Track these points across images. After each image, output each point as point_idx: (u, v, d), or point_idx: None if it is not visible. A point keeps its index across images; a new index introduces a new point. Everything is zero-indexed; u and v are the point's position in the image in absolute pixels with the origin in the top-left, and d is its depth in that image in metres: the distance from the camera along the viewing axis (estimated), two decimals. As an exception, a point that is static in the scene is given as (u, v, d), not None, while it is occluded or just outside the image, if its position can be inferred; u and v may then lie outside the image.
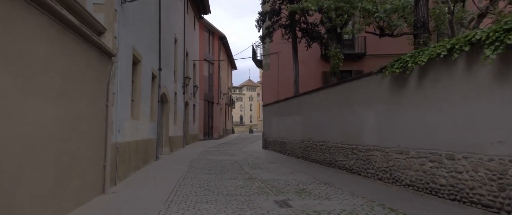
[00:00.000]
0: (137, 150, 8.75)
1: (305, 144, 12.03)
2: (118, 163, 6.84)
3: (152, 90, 11.53)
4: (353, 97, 8.68)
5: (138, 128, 9.02)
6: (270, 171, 9.35)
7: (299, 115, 12.71)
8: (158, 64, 12.02)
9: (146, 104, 10.18)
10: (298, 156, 12.75)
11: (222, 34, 30.67)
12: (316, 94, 11.18)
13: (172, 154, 14.52)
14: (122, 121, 7.26)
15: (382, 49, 17.69)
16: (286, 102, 14.33)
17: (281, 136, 14.96)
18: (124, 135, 7.42)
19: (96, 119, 5.68)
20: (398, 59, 6.48)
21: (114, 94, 6.62)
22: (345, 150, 9.02)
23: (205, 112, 27.61)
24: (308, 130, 11.76)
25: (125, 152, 7.47)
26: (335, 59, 11.63)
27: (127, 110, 7.76)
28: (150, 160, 10.66)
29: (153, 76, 11.39)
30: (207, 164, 11.01)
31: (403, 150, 6.55)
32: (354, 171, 8.50)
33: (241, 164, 11.06)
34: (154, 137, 11.40)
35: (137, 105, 9.04)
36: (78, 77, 4.94)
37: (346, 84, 9.12)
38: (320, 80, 17.99)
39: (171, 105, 15.02)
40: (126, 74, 7.57)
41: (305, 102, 12.12)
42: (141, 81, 9.29)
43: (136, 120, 8.82)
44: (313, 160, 11.26)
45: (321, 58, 18.18)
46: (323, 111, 10.57)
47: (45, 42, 3.95)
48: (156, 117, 11.79)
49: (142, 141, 9.40)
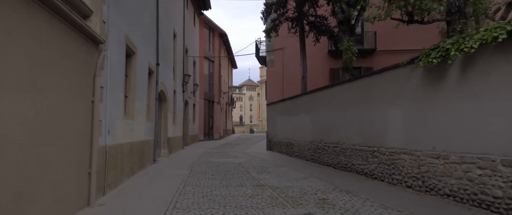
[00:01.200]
0: (131, 153, 7.79)
1: (315, 146, 11.08)
2: (108, 169, 5.88)
3: (149, 87, 10.57)
4: (373, 94, 7.73)
5: (133, 128, 8.06)
6: (279, 176, 8.41)
7: (308, 114, 11.76)
8: (156, 59, 11.06)
9: (142, 102, 9.23)
10: (307, 158, 11.80)
11: (223, 31, 29.71)
12: (328, 92, 10.23)
13: (171, 156, 13.56)
14: (113, 120, 6.31)
15: (393, 45, 16.78)
16: (293, 101, 13.38)
17: (287, 137, 14.01)
18: (115, 136, 6.47)
19: (79, 118, 4.72)
20: (436, 47, 5.53)
21: (103, 89, 5.66)
22: (364, 153, 8.07)
23: (205, 111, 26.65)
24: (319, 130, 10.82)
25: (116, 155, 6.51)
26: (348, 53, 10.69)
27: (119, 108, 6.81)
28: (146, 163, 9.70)
29: (150, 71, 10.43)
30: (209, 167, 10.06)
31: (440, 154, 5.60)
32: (376, 176, 7.56)
33: (246, 167, 10.11)
34: (151, 138, 10.45)
35: (132, 102, 8.09)
36: (54, 65, 3.98)
37: (365, 79, 8.17)
38: (327, 78, 17.04)
39: (169, 104, 14.07)
40: (118, 66, 6.62)
41: (315, 100, 11.17)
42: (136, 76, 8.34)
43: (130, 119, 7.86)
44: (325, 163, 10.31)
45: (328, 55, 17.24)
46: (336, 110, 9.63)
47: (2, 16, 3.00)
48: (153, 116, 10.84)
49: (137, 142, 8.44)
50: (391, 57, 15.73)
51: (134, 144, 8.12)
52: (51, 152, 3.91)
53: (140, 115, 8.94)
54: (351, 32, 11.35)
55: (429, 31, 16.49)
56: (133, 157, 8.05)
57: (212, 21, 27.52)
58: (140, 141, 8.87)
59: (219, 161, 11.73)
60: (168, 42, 13.70)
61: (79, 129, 4.70)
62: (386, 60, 13.30)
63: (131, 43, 7.70)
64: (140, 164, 8.88)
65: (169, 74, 13.99)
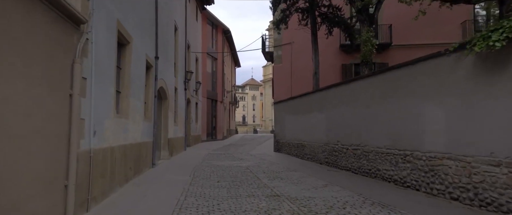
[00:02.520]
0: (124, 157, 6.75)
1: (331, 148, 10.02)
2: (93, 178, 4.85)
3: (147, 82, 9.54)
4: (405, 89, 6.66)
5: (127, 128, 7.02)
6: (294, 183, 7.35)
7: (322, 112, 10.69)
8: (155, 52, 10.03)
9: (139, 99, 8.20)
10: (321, 161, 10.73)
11: (226, 27, 28.65)
12: (347, 87, 9.16)
13: (172, 158, 12.52)
14: (100, 118, 5.27)
15: (410, 39, 15.72)
16: (304, 99, 12.32)
17: (297, 138, 12.94)
18: (104, 138, 5.43)
19: (50, 115, 3.68)
20: (498, 27, 4.44)
21: (86, 81, 4.63)
22: (393, 157, 7.00)
23: (208, 110, 25.62)
24: (335, 131, 9.75)
25: (105, 161, 5.47)
26: (367, 45, 9.63)
27: (110, 104, 5.77)
28: (144, 168, 8.67)
29: (148, 65, 9.40)
30: (213, 172, 9.01)
31: (502, 161, 4.52)
32: (408, 184, 6.48)
33: (255, 172, 9.06)
34: (149, 139, 9.42)
35: (126, 99, 7.05)
36: (9, 43, 2.94)
37: (394, 72, 7.10)
38: (339, 74, 15.97)
39: (170, 103, 13.03)
40: (107, 55, 5.58)
41: (331, 97, 10.10)
42: (131, 69, 7.30)
43: (124, 118, 6.83)
44: (343, 167, 9.25)
45: (340, 49, 16.17)
46: (357, 108, 8.56)
47: None
48: (152, 115, 9.81)
49: (132, 145, 7.41)
50: (408, 52, 14.64)
51: (128, 146, 7.09)
52: (4, 161, 2.87)
53: (137, 113, 7.92)
54: (370, 22, 10.28)
55: (448, 25, 15.38)
56: (128, 162, 7.01)
57: (215, 17, 26.48)
58: (136, 143, 7.84)
59: (224, 165, 10.69)
60: (168, 35, 12.67)
61: (50, 130, 3.66)
62: (402, 55, 12.22)
63: (124, 30, 6.65)
64: (136, 169, 7.85)
65: (169, 70, 12.96)
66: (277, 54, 16.63)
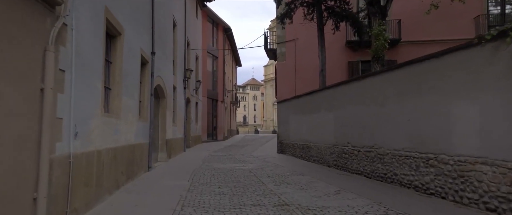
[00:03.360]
0: (115, 161, 6.07)
1: (340, 150, 9.32)
2: (74, 187, 4.16)
3: (143, 79, 8.86)
4: (428, 85, 5.96)
5: (118, 129, 6.34)
6: (303, 188, 6.66)
7: (330, 111, 10.00)
8: (151, 47, 9.34)
9: (133, 97, 7.51)
10: (329, 164, 10.04)
11: (227, 25, 27.97)
12: (359, 84, 8.46)
13: (170, 161, 11.84)
14: (84, 118, 4.58)
15: (420, 34, 15.02)
16: (310, 97, 11.62)
17: (303, 138, 12.25)
18: (89, 140, 4.74)
19: (13, 114, 2.99)
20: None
21: (65, 74, 3.94)
22: (413, 161, 6.30)
23: (208, 110, 24.94)
24: (345, 131, 9.05)
25: (89, 167, 4.78)
26: (379, 39, 8.94)
27: (96, 102, 5.08)
28: (138, 171, 7.99)
29: (144, 61, 8.71)
30: (214, 176, 8.32)
31: (555, 167, 3.83)
32: (432, 191, 5.78)
33: (259, 175, 8.37)
34: (145, 140, 8.74)
35: (117, 97, 6.37)
36: None
37: (414, 67, 6.39)
38: (345, 72, 15.28)
39: (169, 102, 12.35)
40: (92, 45, 4.89)
41: (340, 95, 9.40)
42: (123, 63, 6.62)
43: (114, 118, 6.14)
44: (354, 171, 8.55)
45: (346, 46, 15.47)
46: (370, 106, 7.86)
47: None
48: (148, 115, 9.12)
49: (125, 147, 6.72)
50: (418, 48, 13.93)
51: (120, 149, 6.40)
52: None
53: (130, 112, 7.23)
54: (382, 15, 9.58)
55: (460, 20, 14.68)
56: (119, 166, 6.32)
57: (215, 14, 25.80)
58: (130, 145, 7.15)
59: (226, 167, 10.00)
60: (166, 31, 11.99)
61: (13, 132, 2.97)
62: (412, 52, 11.52)
63: (114, 19, 5.96)
64: (130, 174, 7.16)
65: (168, 68, 12.28)
66: (281, 51, 15.93)
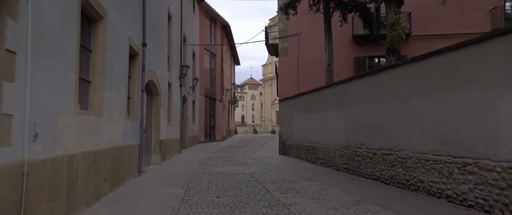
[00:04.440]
0: (95, 167, 5.13)
1: (351, 152, 8.41)
2: (31, 205, 3.23)
3: (132, 73, 7.93)
4: (467, 76, 5.06)
5: (100, 129, 5.41)
6: (315, 197, 5.75)
7: (340, 110, 9.09)
8: (142, 37, 8.40)
9: (119, 93, 6.57)
10: (338, 167, 9.13)
11: (226, 22, 27.03)
12: (373, 79, 7.56)
13: (165, 163, 10.90)
14: (49, 115, 3.65)
15: (432, 28, 14.15)
16: (316, 94, 10.71)
17: (308, 139, 11.34)
18: (55, 144, 3.81)
19: None
20: None
21: (16, 56, 3.01)
22: (445, 166, 5.40)
23: (206, 109, 23.99)
24: (358, 131, 8.15)
25: (56, 176, 3.84)
26: (396, 29, 8.06)
27: (66, 95, 4.15)
28: (127, 177, 7.05)
29: (133, 53, 7.78)
30: (212, 182, 7.39)
31: None
32: (471, 203, 4.88)
33: (262, 181, 7.46)
34: (135, 142, 7.81)
35: (98, 91, 5.43)
36: None
37: (447, 55, 5.48)
38: (351, 68, 14.39)
39: (163, 99, 11.41)
40: (60, 24, 3.95)
41: (351, 92, 8.50)
42: (105, 52, 5.68)
43: (94, 116, 5.21)
44: (368, 176, 7.64)
45: (352, 41, 14.59)
46: (388, 103, 6.96)
47: None
48: (138, 113, 8.20)
49: (108, 150, 5.79)
50: (429, 43, 13.05)
51: (102, 152, 5.47)
52: None
53: (115, 110, 6.30)
54: (398, 3, 8.69)
55: (474, 13, 13.81)
56: (100, 173, 5.39)
57: (214, 10, 24.86)
58: (115, 147, 6.22)
59: (225, 171, 9.07)
60: (160, 22, 11.05)
61: None
62: (423, 47, 10.66)
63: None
64: (115, 181, 6.23)
65: (162, 63, 11.34)
66: (283, 46, 15.02)
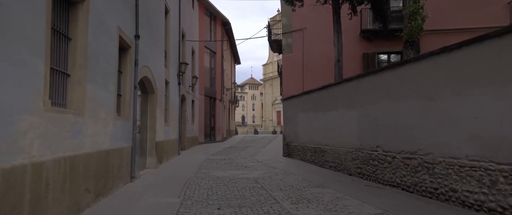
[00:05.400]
0: (73, 175, 4.33)
1: (366, 155, 7.62)
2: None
3: (124, 68, 7.14)
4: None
5: (81, 129, 4.61)
6: (331, 209, 4.96)
7: (352, 108, 8.30)
8: (134, 29, 7.61)
9: (107, 88, 5.78)
10: (350, 171, 8.33)
11: (226, 19, 26.25)
12: (393, 74, 6.75)
13: (161, 167, 10.10)
14: (2, 114, 2.85)
15: (444, 23, 13.32)
16: (324, 92, 9.91)
17: (315, 140, 10.54)
18: (12, 150, 3.01)
19: None
20: None
21: None
22: (486, 173, 4.60)
23: (206, 109, 23.20)
24: (373, 132, 7.36)
25: (12, 192, 3.04)
26: (416, 19, 7.26)
27: (30, 88, 3.36)
28: (116, 185, 6.25)
29: (125, 44, 6.99)
30: (212, 189, 6.59)
31: None
32: (522, 218, 4.08)
33: (268, 188, 6.66)
34: (126, 144, 7.01)
35: (79, 85, 4.64)
36: None
37: (489, 43, 4.68)
38: (359, 65, 13.59)
39: (159, 98, 10.62)
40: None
41: (366, 89, 7.70)
42: (87, 40, 4.88)
43: (73, 114, 4.41)
44: (386, 182, 6.84)
45: (361, 36, 13.79)
46: (411, 100, 6.17)
47: None
48: (131, 112, 7.40)
49: (91, 155, 4.99)
50: (442, 38, 12.22)
51: (83, 158, 4.67)
52: None
53: (102, 108, 5.50)
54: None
55: (491, 6, 13.01)
56: (80, 182, 4.59)
57: (213, 6, 24.08)
58: (101, 151, 5.42)
59: (226, 176, 8.27)
60: (156, 15, 10.25)
61: None
62: (435, 43, 9.80)
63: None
64: (101, 190, 5.42)
65: (158, 58, 10.54)
66: (287, 42, 14.21)
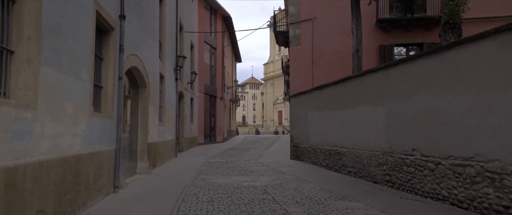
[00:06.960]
0: (13, 195, 3.05)
1: (397, 159, 6.33)
2: None
3: (105, 54, 5.86)
4: None
5: (29, 129, 3.33)
6: (372, 236, 3.66)
7: (378, 104, 7.01)
8: (119, 7, 6.32)
9: (77, 76, 4.50)
10: (375, 179, 7.04)
11: (227, 13, 24.97)
12: (437, 60, 5.47)
13: (154, 171, 8.82)
14: None
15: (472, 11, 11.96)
16: (341, 87, 8.61)
17: (329, 142, 9.25)
18: None
19: None
20: None
21: None
22: None
23: (206, 108, 21.91)
24: (406, 132, 6.07)
25: None
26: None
27: None
28: (90, 199, 4.96)
29: (105, 25, 5.71)
30: (213, 202, 5.30)
31: None
32: None
33: (281, 200, 5.38)
34: (108, 147, 5.74)
35: (28, 66, 3.37)
36: None
37: None
38: (375, 58, 12.33)
39: (153, 93, 9.34)
40: None
41: (397, 81, 6.42)
42: (42, 7, 3.60)
43: (17, 108, 3.13)
44: (425, 194, 5.55)
45: (377, 27, 12.52)
46: (465, 93, 4.88)
47: None
48: (114, 108, 6.12)
49: (49, 163, 3.70)
50: (469, 27, 10.90)
51: (33, 167, 3.39)
52: None
53: (69, 101, 4.23)
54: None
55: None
56: (27, 201, 3.30)
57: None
58: (67, 157, 4.14)
59: (230, 184, 6.98)
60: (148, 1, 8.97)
61: None
62: (464, 32, 8.60)
63: None
64: (65, 209, 4.14)
65: (150, 47, 9.26)
66: (294, 33, 12.93)
